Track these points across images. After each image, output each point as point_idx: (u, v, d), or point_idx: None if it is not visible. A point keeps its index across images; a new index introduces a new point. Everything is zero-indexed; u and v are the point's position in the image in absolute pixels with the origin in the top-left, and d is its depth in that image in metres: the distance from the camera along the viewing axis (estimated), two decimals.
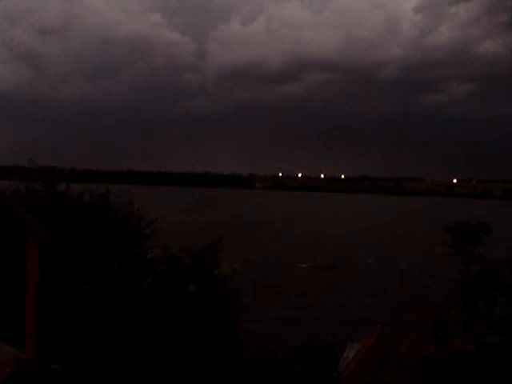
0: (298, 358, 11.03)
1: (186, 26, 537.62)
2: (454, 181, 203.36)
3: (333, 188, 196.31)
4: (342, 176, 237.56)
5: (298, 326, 14.21)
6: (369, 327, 12.29)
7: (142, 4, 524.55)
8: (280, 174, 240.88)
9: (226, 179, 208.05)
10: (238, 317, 7.65)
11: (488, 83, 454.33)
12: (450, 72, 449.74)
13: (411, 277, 18.16)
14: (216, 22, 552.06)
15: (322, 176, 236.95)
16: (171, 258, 7.89)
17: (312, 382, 10.39)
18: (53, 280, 5.78)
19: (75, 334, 5.21)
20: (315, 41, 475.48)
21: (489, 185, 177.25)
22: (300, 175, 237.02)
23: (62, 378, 4.43)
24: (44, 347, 4.97)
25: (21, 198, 7.98)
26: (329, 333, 13.97)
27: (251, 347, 8.99)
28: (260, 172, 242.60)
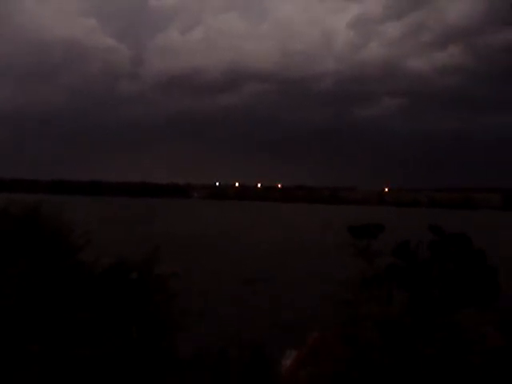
0: (227, 364, 11.04)
1: (123, 33, 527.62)
2: (386, 190, 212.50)
3: (270, 197, 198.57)
4: (279, 185, 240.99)
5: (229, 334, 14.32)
6: (305, 334, 12.53)
7: (77, 8, 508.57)
8: (217, 184, 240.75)
9: (162, 189, 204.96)
10: (176, 320, 7.52)
11: (416, 98, 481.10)
12: (381, 86, 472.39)
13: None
14: (154, 30, 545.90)
15: (259, 185, 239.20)
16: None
17: None
18: None
19: None
20: (253, 52, 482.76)
21: (416, 194, 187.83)
22: (237, 184, 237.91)
23: None
24: None
25: None
26: (264, 342, 14.11)
27: (187, 350, 8.86)
28: (197, 181, 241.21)
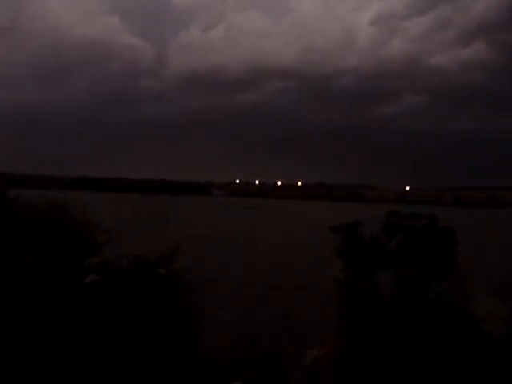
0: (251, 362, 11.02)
1: (145, 31, 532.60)
2: (407, 188, 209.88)
3: (290, 195, 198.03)
4: (299, 183, 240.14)
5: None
6: (323, 333, 12.45)
7: (100, 7, 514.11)
8: (237, 181, 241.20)
9: (183, 186, 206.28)
10: (194, 316, 7.52)
11: (438, 96, 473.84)
12: (403, 84, 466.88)
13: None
14: (176, 28, 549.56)
15: (279, 183, 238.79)
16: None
17: None
18: None
19: (17, 352, 4.94)
20: (274, 49, 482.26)
21: (440, 192, 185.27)
22: (257, 182, 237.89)
23: None
24: None
25: None
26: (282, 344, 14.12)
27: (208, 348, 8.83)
28: (217, 179, 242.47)
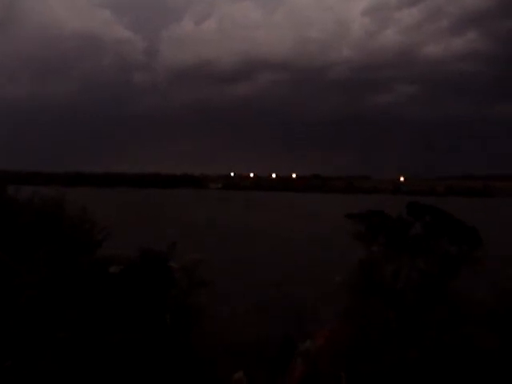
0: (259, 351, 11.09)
1: (137, 23, 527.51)
2: (401, 179, 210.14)
3: (285, 187, 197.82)
4: (294, 175, 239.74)
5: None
6: (321, 322, 12.50)
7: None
8: (232, 174, 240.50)
9: (177, 180, 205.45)
10: (202, 306, 7.54)
11: (432, 86, 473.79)
12: (396, 74, 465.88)
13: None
14: (168, 20, 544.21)
15: (274, 175, 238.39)
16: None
17: (270, 375, 10.49)
18: None
19: (25, 344, 4.95)
20: (267, 41, 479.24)
21: (433, 182, 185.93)
22: (252, 175, 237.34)
23: None
24: None
25: None
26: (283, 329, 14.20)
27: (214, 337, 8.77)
28: (211, 172, 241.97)
